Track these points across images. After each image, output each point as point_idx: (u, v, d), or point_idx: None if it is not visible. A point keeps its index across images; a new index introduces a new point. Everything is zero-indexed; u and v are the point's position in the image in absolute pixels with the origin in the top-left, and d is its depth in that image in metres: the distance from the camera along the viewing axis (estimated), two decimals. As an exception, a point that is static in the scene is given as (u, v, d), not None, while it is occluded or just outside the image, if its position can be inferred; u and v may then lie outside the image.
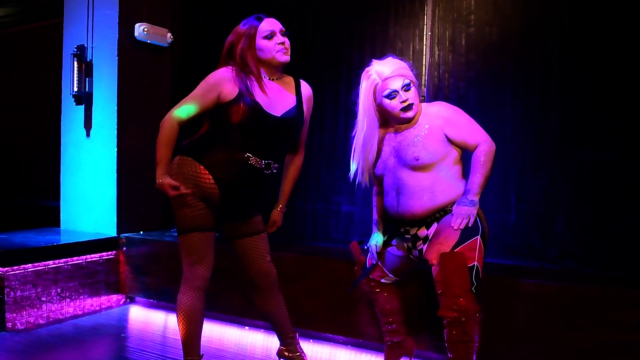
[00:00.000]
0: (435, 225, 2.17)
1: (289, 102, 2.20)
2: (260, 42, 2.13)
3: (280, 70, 2.23)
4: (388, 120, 2.25)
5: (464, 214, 2.06)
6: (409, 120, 2.18)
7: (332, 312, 2.89)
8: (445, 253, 2.01)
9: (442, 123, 2.15)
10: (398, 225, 2.28)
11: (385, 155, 2.26)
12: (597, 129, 2.75)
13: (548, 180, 2.87)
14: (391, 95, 2.13)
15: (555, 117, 2.85)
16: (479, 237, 2.03)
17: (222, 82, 2.11)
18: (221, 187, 2.13)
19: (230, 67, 2.14)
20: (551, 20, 2.88)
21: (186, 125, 2.14)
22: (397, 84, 2.12)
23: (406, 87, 2.13)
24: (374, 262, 2.38)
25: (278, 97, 2.17)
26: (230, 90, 2.10)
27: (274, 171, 2.20)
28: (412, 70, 2.21)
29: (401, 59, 2.22)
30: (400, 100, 2.13)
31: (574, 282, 2.45)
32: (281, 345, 2.49)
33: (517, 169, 2.95)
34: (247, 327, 3.22)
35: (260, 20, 2.15)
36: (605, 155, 2.72)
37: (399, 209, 2.20)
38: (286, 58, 2.16)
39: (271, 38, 2.13)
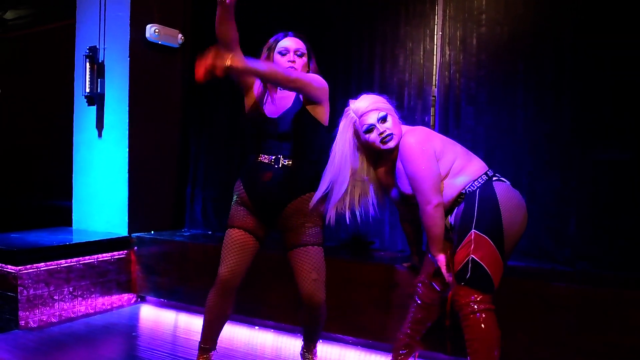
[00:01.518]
0: (456, 211, 2.20)
1: (287, 102, 2.30)
2: (276, 56, 2.29)
3: None
4: (380, 154, 2.28)
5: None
6: (391, 151, 2.23)
7: (341, 313, 2.89)
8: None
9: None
10: None
11: (392, 185, 2.34)
12: (611, 128, 2.71)
13: (561, 181, 2.83)
14: (369, 129, 2.20)
15: (568, 116, 2.82)
16: (472, 231, 2.05)
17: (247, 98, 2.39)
18: (247, 189, 2.31)
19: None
20: (563, 18, 2.85)
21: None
22: (372, 119, 2.19)
23: (382, 119, 2.19)
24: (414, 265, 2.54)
25: (280, 101, 2.31)
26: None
27: (285, 165, 2.25)
28: (390, 102, 2.26)
29: (378, 94, 2.28)
30: (378, 133, 2.19)
31: (584, 284, 2.43)
32: (303, 345, 2.57)
33: (529, 169, 2.91)
34: (256, 327, 3.23)
35: (285, 36, 2.31)
36: (619, 155, 2.68)
37: None
38: None
39: (284, 55, 2.27)
